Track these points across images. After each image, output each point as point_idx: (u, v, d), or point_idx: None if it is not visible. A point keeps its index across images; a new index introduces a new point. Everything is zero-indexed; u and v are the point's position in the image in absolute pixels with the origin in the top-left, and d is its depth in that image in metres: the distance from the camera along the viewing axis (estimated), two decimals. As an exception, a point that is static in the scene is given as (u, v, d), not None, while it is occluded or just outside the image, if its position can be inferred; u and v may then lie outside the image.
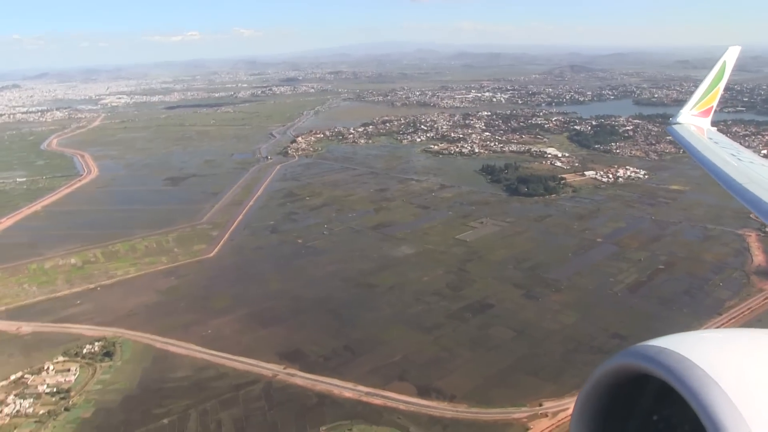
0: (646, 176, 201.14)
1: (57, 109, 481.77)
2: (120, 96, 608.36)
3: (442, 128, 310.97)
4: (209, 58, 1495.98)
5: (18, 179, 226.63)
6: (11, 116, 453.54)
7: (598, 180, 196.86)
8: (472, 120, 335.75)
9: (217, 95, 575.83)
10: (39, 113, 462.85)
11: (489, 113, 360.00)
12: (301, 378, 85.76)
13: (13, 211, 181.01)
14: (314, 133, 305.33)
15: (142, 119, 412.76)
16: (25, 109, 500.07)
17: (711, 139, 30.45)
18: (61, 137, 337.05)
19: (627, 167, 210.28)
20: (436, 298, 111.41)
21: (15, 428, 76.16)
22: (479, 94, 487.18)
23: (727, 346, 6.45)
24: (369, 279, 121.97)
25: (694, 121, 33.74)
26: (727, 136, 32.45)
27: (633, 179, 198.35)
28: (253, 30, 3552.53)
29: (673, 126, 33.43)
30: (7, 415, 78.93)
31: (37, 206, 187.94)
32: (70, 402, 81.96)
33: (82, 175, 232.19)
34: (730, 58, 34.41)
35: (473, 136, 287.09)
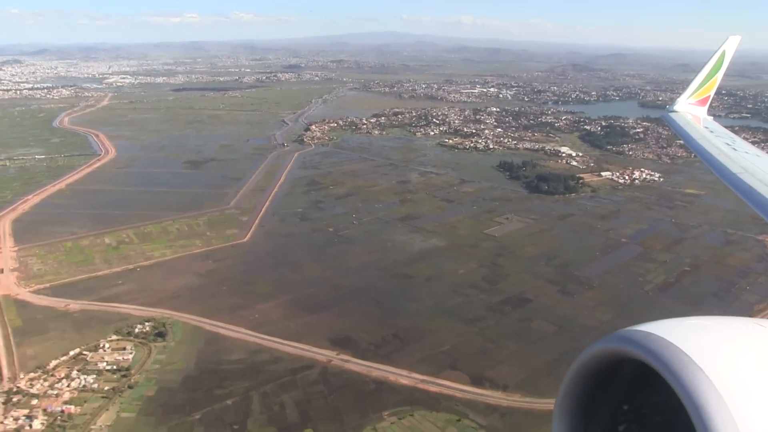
0: (661, 179, 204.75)
1: (63, 87, 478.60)
2: (124, 76, 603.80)
3: (454, 123, 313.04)
4: (208, 40, 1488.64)
5: (36, 156, 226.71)
6: (18, 92, 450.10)
7: (615, 181, 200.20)
8: (482, 116, 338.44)
9: (221, 79, 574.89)
10: (45, 90, 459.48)
11: (498, 109, 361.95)
12: (355, 364, 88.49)
13: (39, 188, 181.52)
14: (327, 122, 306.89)
15: (150, 100, 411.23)
16: (30, 86, 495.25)
17: (707, 128, 30.56)
18: (71, 115, 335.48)
19: (642, 169, 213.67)
20: (474, 290, 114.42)
21: (84, 402, 78.55)
22: (485, 90, 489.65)
23: (712, 333, 6.55)
24: (405, 270, 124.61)
25: (691, 110, 33.77)
26: None
27: (649, 182, 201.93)
28: (253, 14, 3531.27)
29: (670, 114, 33.40)
30: (75, 389, 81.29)
31: (61, 184, 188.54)
32: (132, 380, 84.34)
33: (100, 154, 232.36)
34: (730, 47, 33.94)
35: (486, 132, 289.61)
